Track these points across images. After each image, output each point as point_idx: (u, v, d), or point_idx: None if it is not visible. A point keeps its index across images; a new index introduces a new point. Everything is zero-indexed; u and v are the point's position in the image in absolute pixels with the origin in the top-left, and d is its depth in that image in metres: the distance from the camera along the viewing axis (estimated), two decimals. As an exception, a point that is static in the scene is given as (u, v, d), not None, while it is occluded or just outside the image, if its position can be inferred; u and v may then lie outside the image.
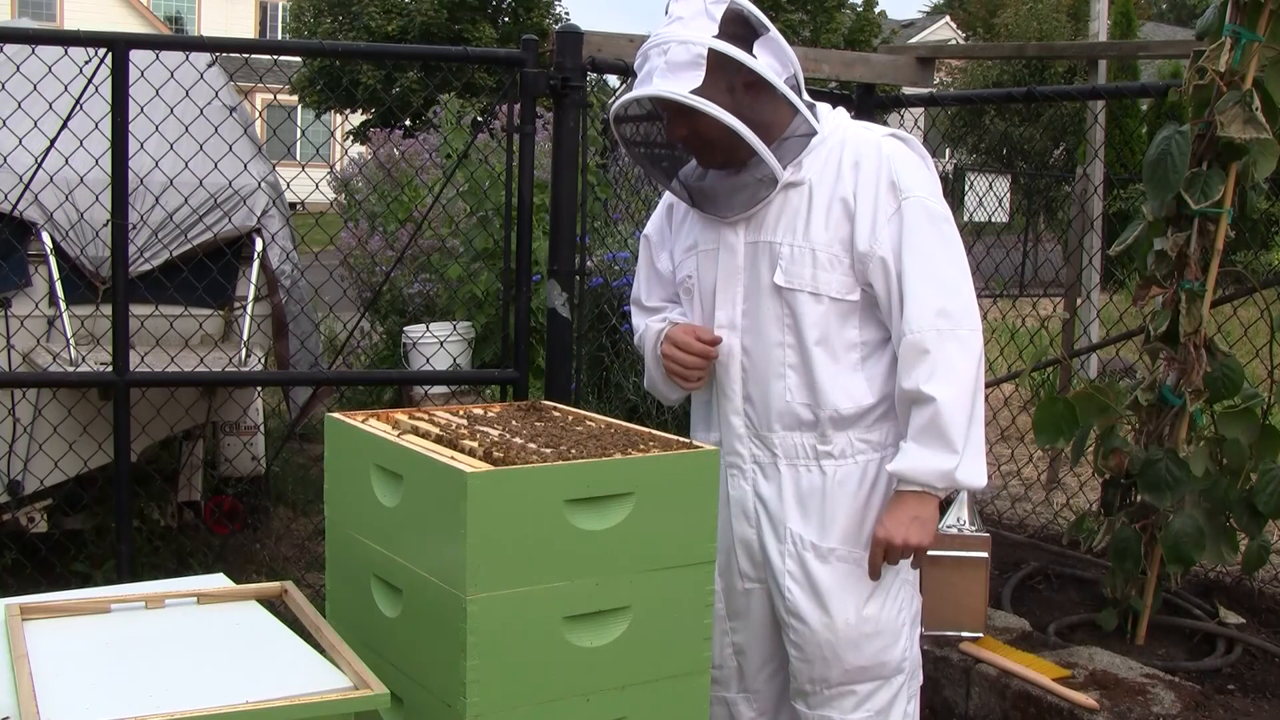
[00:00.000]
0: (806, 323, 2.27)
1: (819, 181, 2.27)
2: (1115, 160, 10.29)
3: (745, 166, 2.27)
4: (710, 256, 2.37)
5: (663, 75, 2.17)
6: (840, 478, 2.31)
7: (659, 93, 2.18)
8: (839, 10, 26.55)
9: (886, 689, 2.36)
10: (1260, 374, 3.98)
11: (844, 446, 2.31)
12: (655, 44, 2.21)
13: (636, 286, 2.60)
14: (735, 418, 2.37)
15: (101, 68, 3.23)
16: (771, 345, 2.31)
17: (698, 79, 2.15)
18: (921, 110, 5.07)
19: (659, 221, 2.57)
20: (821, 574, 2.31)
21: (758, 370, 2.34)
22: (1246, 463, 3.44)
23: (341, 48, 8.27)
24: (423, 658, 1.95)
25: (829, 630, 2.31)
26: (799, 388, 2.30)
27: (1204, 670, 3.45)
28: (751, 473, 2.38)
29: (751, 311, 2.33)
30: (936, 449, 2.18)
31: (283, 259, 4.39)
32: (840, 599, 2.31)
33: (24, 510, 4.12)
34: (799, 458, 2.33)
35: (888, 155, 2.26)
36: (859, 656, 2.33)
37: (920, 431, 2.19)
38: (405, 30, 22.15)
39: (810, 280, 2.26)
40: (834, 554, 2.31)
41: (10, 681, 1.70)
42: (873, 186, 2.24)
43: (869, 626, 2.32)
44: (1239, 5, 3.31)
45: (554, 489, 1.87)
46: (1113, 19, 12.28)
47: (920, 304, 2.20)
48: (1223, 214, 3.36)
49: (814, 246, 2.26)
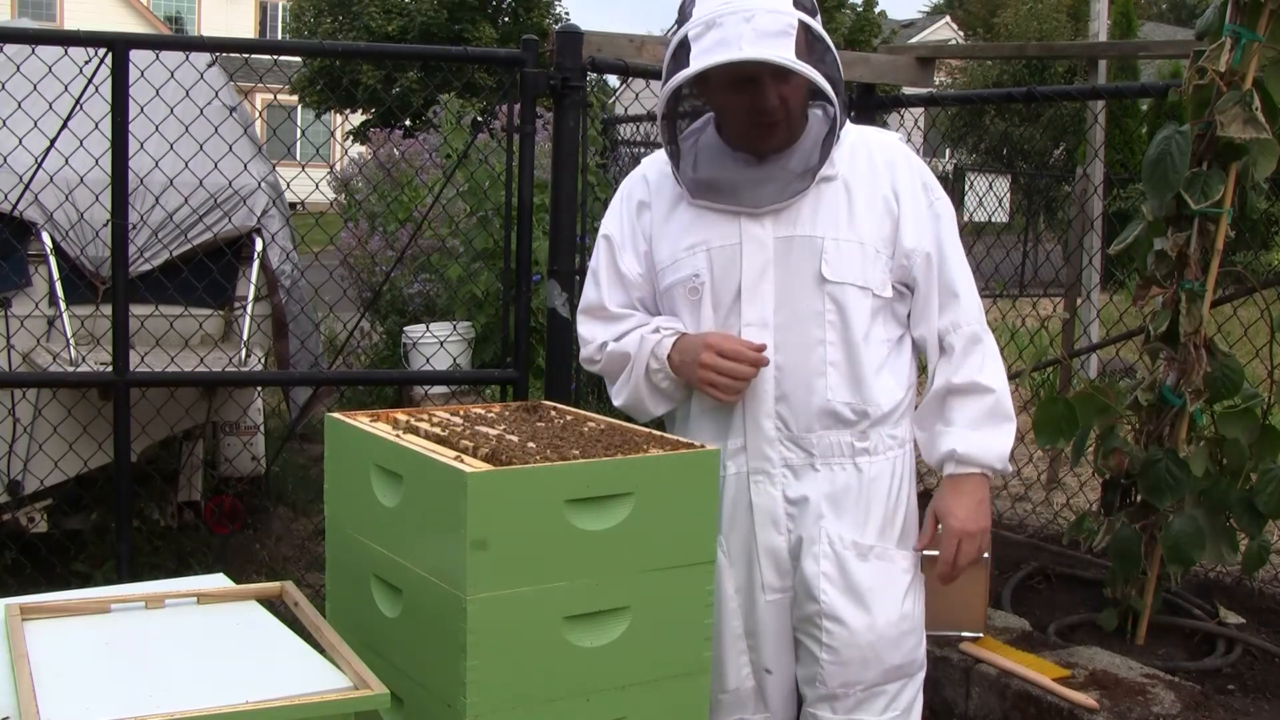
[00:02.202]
0: (855, 318, 2.23)
1: (852, 177, 2.26)
2: (1115, 160, 10.29)
3: (765, 156, 2.23)
4: (728, 253, 2.25)
5: (755, 42, 2.06)
6: (874, 474, 2.29)
7: (768, 57, 2.06)
8: (839, 10, 26.56)
9: (911, 686, 2.35)
10: (1260, 374, 3.98)
11: (877, 443, 2.29)
12: (733, 9, 2.08)
13: (592, 291, 2.40)
14: (767, 420, 2.26)
15: (101, 68, 3.23)
16: (812, 343, 2.24)
17: (791, 47, 2.08)
18: (921, 110, 5.07)
19: (621, 220, 2.38)
20: (862, 573, 2.27)
21: (795, 369, 2.25)
22: (1246, 463, 3.44)
23: (341, 48, 8.26)
24: (423, 658, 1.95)
25: (871, 630, 2.27)
26: (840, 385, 2.24)
27: (1204, 670, 3.45)
28: (781, 477, 2.28)
29: (786, 308, 2.24)
30: (995, 431, 2.25)
31: (283, 259, 4.39)
32: (882, 597, 2.28)
33: (24, 510, 4.12)
34: (834, 456, 2.27)
35: (910, 157, 2.33)
36: (897, 655, 2.30)
37: (978, 417, 2.25)
38: (405, 30, 22.16)
39: (860, 274, 2.23)
40: (873, 551, 2.28)
41: (10, 681, 1.70)
42: (910, 185, 2.28)
43: (907, 624, 2.31)
44: (1239, 5, 3.31)
45: (554, 489, 1.87)
46: (1113, 19, 12.27)
47: (970, 298, 2.29)
48: (1223, 214, 3.36)
49: (862, 240, 2.24)
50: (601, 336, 2.38)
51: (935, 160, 5.37)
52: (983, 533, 2.27)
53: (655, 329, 2.32)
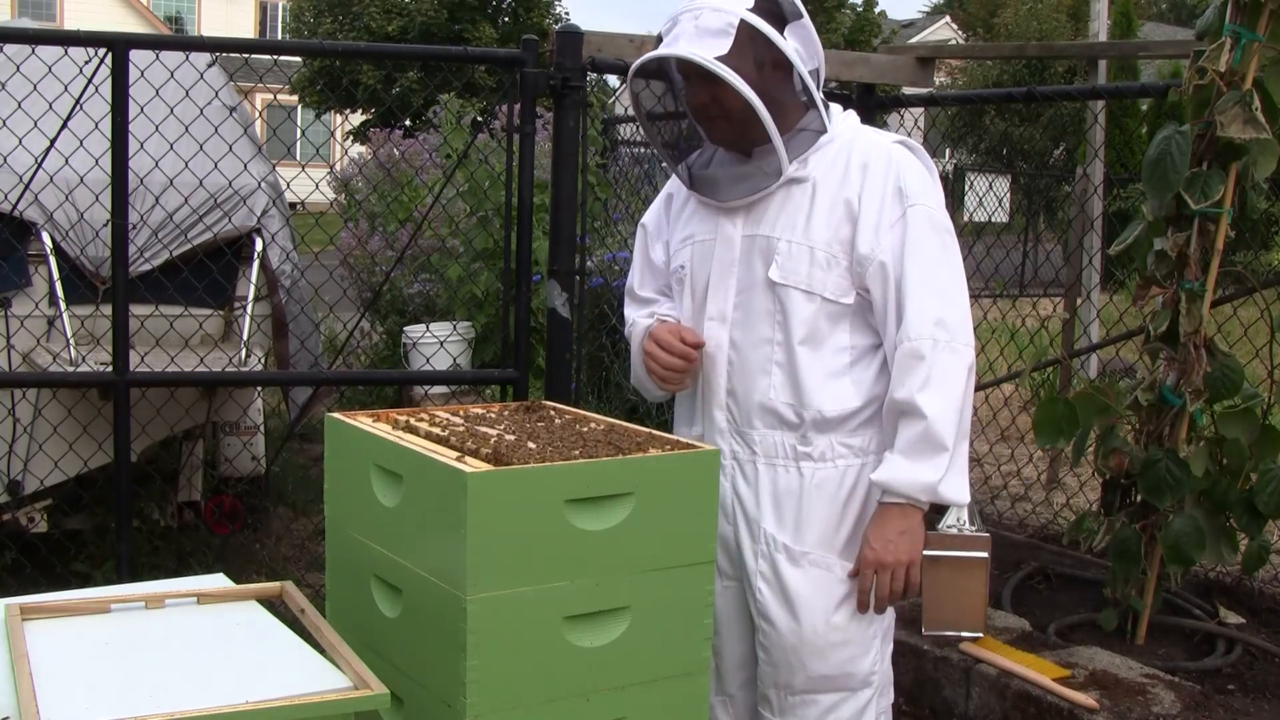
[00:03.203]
0: (795, 320, 2.24)
1: (823, 181, 2.25)
2: (1115, 160, 10.29)
3: (751, 153, 2.25)
4: (705, 247, 2.34)
5: (690, 39, 2.13)
6: (818, 481, 2.27)
7: (683, 54, 2.13)
8: (839, 10, 26.60)
9: (853, 701, 2.30)
10: (1260, 374, 3.98)
11: (824, 449, 2.27)
12: (688, 8, 2.17)
13: (631, 275, 2.56)
14: (718, 412, 2.33)
15: (101, 68, 3.23)
16: (760, 341, 2.28)
17: (725, 47, 2.11)
18: (921, 110, 5.07)
19: (657, 211, 2.52)
20: (792, 577, 2.27)
21: (744, 365, 2.30)
22: (1246, 463, 3.44)
23: (341, 48, 8.26)
24: (423, 658, 1.95)
25: (795, 635, 2.27)
26: (783, 386, 2.26)
27: (1204, 670, 3.45)
28: (731, 469, 2.33)
29: (743, 305, 2.29)
30: (923, 462, 2.16)
31: (283, 259, 4.39)
32: (809, 604, 2.26)
33: (24, 510, 4.12)
34: (778, 457, 2.29)
35: (897, 161, 2.24)
36: (824, 665, 2.27)
37: (908, 444, 2.17)
38: (405, 30, 22.17)
39: (805, 278, 2.23)
40: (806, 558, 2.27)
41: (10, 681, 1.70)
42: (879, 190, 2.22)
43: (837, 635, 2.27)
44: (1239, 5, 3.31)
45: (554, 489, 1.87)
46: (1113, 19, 12.27)
47: (919, 312, 2.18)
48: (1223, 214, 3.36)
49: (813, 245, 2.23)
50: (633, 316, 2.53)
51: (935, 161, 5.42)
52: (900, 565, 2.21)
53: (652, 314, 2.45)
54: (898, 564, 2.21)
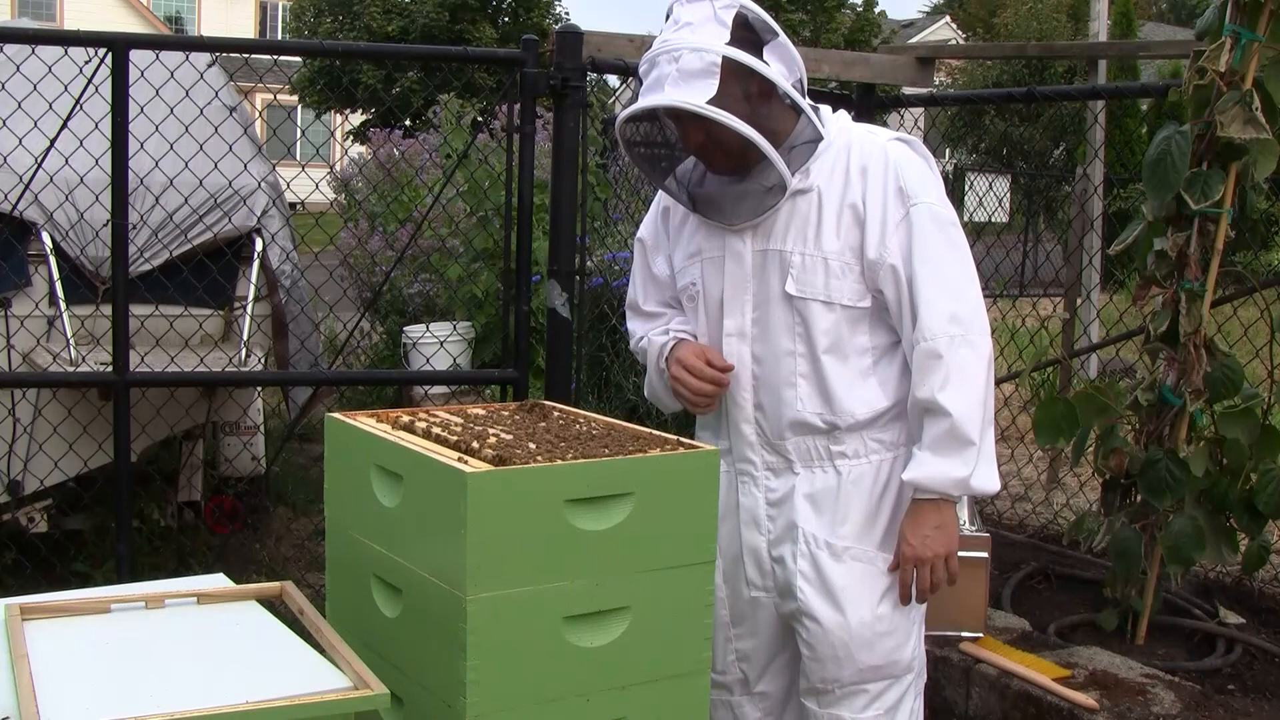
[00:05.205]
0: (817, 331, 2.26)
1: (827, 188, 2.26)
2: (1115, 160, 10.29)
3: (751, 173, 2.25)
4: (716, 264, 2.35)
5: (675, 84, 2.13)
6: (854, 476, 2.31)
7: (675, 103, 2.13)
8: (839, 10, 26.56)
9: (897, 687, 2.36)
10: (1260, 374, 3.98)
11: (857, 447, 2.31)
12: (664, 50, 2.16)
13: (632, 290, 2.56)
14: (746, 426, 2.36)
15: (101, 68, 3.23)
16: (782, 354, 2.30)
17: (712, 88, 2.11)
18: (921, 110, 5.07)
19: (653, 224, 2.52)
20: (835, 572, 2.30)
21: (768, 379, 2.32)
22: (1246, 463, 3.44)
23: (341, 48, 8.26)
24: (423, 658, 1.95)
25: (843, 630, 2.30)
26: (810, 396, 2.29)
27: (1204, 670, 3.45)
28: (764, 479, 2.37)
29: (761, 320, 2.31)
30: (952, 458, 2.18)
31: (283, 259, 4.39)
32: (855, 597, 2.30)
33: (24, 510, 4.12)
34: (813, 460, 2.33)
35: (894, 160, 2.25)
36: (872, 655, 2.32)
37: (935, 441, 2.19)
38: (406, 30, 22.17)
39: (823, 289, 2.25)
40: (848, 552, 2.30)
41: (10, 681, 1.70)
42: (881, 193, 2.24)
43: (883, 625, 2.31)
44: (1239, 5, 3.31)
45: (554, 489, 1.87)
46: (1113, 19, 12.28)
47: (932, 311, 2.20)
48: (1223, 214, 3.36)
49: (826, 255, 2.25)
50: (640, 331, 2.53)
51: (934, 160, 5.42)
52: (939, 558, 2.25)
53: (666, 331, 2.45)
54: (936, 557, 2.25)
